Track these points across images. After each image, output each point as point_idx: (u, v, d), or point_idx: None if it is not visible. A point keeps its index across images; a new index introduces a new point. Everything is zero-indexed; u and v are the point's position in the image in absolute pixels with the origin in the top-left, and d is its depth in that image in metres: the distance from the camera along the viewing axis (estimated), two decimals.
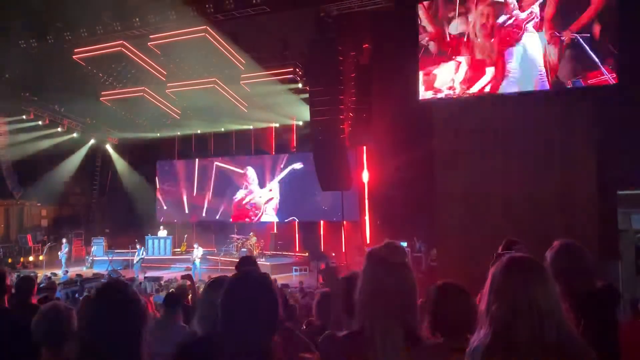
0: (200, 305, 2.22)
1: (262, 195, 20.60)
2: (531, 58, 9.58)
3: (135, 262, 17.27)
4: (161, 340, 3.15)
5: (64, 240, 18.09)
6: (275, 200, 20.30)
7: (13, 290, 3.26)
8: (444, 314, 2.17)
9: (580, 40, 9.10)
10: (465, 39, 10.13)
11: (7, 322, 2.84)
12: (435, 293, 2.29)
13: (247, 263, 3.18)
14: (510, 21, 9.73)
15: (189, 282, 8.94)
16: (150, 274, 15.65)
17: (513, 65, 9.73)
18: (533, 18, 9.53)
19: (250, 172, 20.92)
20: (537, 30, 9.51)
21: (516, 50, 9.70)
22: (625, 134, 8.93)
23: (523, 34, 9.62)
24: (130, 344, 1.71)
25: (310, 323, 5.37)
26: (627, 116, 8.78)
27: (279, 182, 20.10)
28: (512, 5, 9.71)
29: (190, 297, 6.06)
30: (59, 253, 17.71)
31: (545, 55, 9.42)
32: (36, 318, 2.41)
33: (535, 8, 9.52)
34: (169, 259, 18.95)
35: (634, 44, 8.69)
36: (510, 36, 9.74)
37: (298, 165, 19.36)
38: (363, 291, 1.65)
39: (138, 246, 17.58)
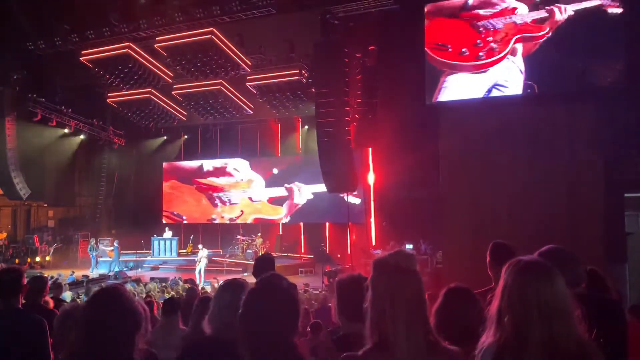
0: (213, 305, 2.26)
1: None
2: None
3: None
4: (163, 346, 3.17)
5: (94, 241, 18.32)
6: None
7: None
8: (452, 319, 2.17)
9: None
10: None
11: (19, 322, 2.85)
12: (444, 298, 2.28)
13: (265, 262, 3.21)
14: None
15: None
16: (156, 274, 15.72)
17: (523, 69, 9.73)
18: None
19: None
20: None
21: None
22: (632, 136, 8.89)
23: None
24: (122, 350, 1.72)
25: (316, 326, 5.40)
26: (634, 118, 8.74)
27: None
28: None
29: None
30: (91, 253, 17.78)
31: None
32: (59, 317, 2.43)
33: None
34: (175, 260, 18.97)
35: None
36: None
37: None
38: (379, 300, 1.63)
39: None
